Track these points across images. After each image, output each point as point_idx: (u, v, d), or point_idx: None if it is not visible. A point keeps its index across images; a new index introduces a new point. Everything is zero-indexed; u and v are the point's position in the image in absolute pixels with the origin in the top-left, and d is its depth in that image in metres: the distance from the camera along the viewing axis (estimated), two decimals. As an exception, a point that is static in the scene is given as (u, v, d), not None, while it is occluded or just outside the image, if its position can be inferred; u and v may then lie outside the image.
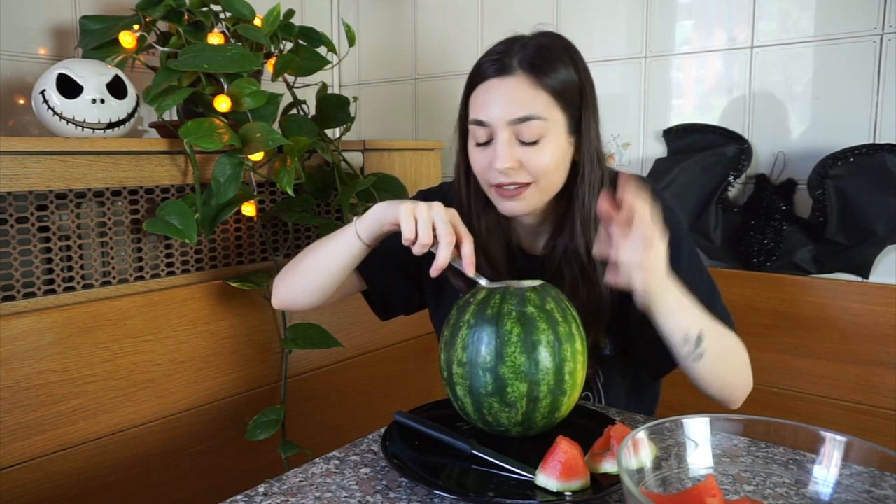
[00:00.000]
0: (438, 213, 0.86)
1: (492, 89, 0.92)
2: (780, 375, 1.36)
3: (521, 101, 0.90)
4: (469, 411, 0.79)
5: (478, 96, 0.95)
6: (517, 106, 0.90)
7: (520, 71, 0.91)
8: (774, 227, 1.35)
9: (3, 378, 0.98)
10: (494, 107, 0.92)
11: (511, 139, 0.92)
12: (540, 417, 0.78)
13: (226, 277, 1.26)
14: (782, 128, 1.38)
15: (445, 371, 0.80)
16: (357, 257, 0.98)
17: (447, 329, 0.81)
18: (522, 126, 0.90)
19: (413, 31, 1.93)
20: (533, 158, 0.92)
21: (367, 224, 0.94)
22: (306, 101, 1.42)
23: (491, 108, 0.92)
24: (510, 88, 0.91)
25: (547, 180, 0.94)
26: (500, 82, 0.92)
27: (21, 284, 1.03)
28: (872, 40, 1.26)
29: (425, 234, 0.85)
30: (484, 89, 0.94)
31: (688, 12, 1.47)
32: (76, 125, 1.13)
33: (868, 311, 1.27)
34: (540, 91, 0.91)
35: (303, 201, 1.34)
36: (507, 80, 0.91)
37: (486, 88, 0.93)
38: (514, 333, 0.75)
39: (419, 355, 1.67)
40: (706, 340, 0.86)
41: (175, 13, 1.25)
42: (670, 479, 0.61)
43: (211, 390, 1.24)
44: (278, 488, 0.72)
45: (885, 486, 0.57)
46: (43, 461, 1.03)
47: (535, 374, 0.75)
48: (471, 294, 0.82)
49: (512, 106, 0.91)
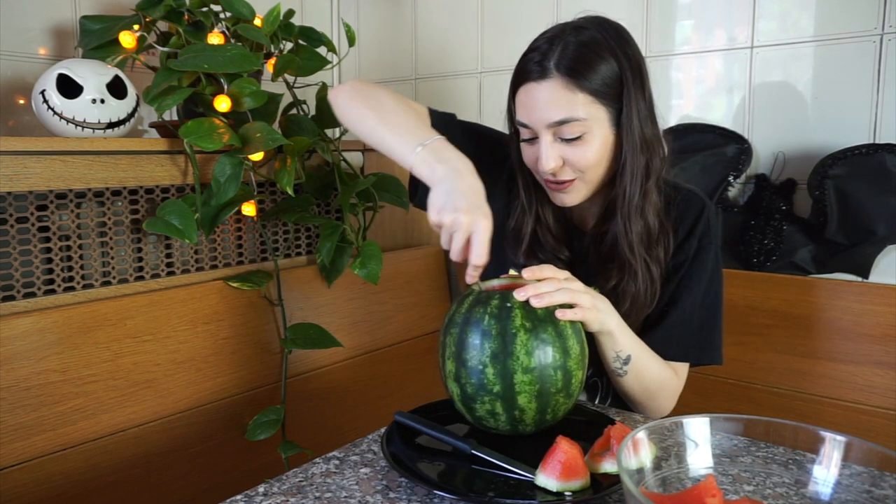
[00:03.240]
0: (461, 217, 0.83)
1: (531, 93, 0.94)
2: (780, 375, 1.36)
3: (559, 105, 0.92)
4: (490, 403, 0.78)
5: (519, 98, 0.97)
6: (555, 110, 0.92)
7: (556, 74, 0.92)
8: (774, 227, 1.35)
9: (3, 378, 0.98)
10: (534, 111, 0.94)
11: (553, 140, 0.94)
12: (550, 418, 0.79)
13: (226, 277, 1.26)
14: (782, 128, 1.38)
15: (450, 366, 0.80)
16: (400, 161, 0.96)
17: (454, 329, 0.81)
18: (563, 127, 0.93)
19: (413, 31, 1.93)
20: (576, 154, 0.94)
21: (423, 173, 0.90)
22: (306, 101, 1.42)
23: (531, 111, 0.94)
24: (547, 93, 0.92)
25: (592, 173, 0.97)
26: (537, 86, 0.93)
27: (21, 284, 1.03)
28: (872, 40, 1.26)
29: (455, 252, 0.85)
30: (524, 92, 0.96)
31: (688, 12, 1.47)
32: (76, 125, 1.13)
33: (868, 311, 1.27)
34: (577, 92, 0.92)
35: (303, 201, 1.34)
36: (544, 84, 0.93)
37: (526, 91, 0.95)
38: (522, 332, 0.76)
39: (419, 355, 1.66)
40: (632, 363, 0.96)
41: (175, 13, 1.25)
42: (670, 479, 0.61)
43: (211, 390, 1.24)
44: (278, 488, 0.72)
45: (885, 486, 0.57)
46: (43, 461, 1.03)
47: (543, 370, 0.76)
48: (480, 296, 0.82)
49: (550, 110, 0.92)
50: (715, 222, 1.03)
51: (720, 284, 1.04)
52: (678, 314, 1.01)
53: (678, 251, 1.01)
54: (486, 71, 1.79)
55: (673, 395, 1.03)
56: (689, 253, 1.01)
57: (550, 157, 0.94)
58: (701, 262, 1.01)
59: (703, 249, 1.01)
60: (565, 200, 0.99)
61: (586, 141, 0.93)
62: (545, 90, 0.92)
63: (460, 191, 0.85)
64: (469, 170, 0.88)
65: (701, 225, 1.01)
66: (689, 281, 1.01)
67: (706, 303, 1.02)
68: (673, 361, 1.02)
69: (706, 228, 1.02)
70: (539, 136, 0.95)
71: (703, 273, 1.01)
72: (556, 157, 0.94)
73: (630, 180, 0.96)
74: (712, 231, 1.02)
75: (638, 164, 0.96)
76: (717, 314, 1.04)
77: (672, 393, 1.03)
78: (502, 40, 1.75)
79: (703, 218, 1.02)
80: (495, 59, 1.77)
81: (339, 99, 1.06)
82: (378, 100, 1.02)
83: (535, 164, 0.98)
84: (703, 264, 1.01)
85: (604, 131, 0.94)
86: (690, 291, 1.01)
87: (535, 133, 0.96)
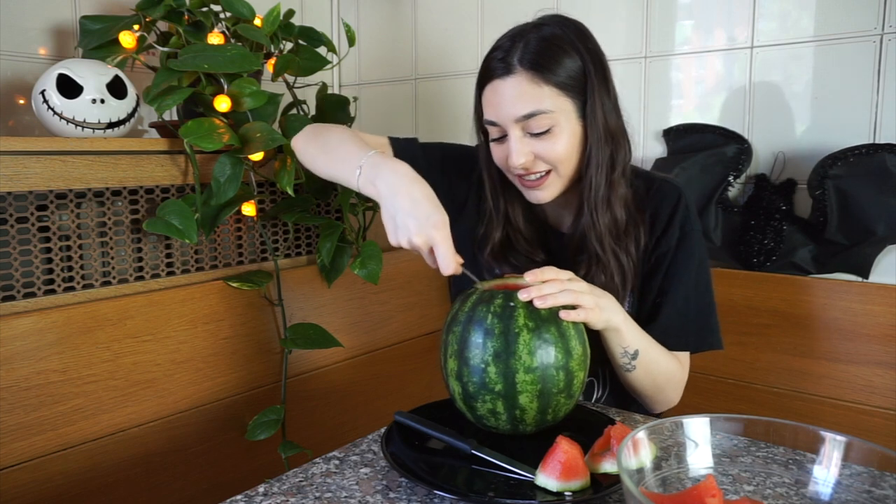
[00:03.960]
0: (414, 239, 0.86)
1: (497, 89, 0.95)
2: (780, 375, 1.36)
3: (525, 99, 0.92)
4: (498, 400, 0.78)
5: (486, 97, 0.98)
6: (521, 104, 0.93)
7: (521, 69, 0.93)
8: (774, 227, 1.35)
9: (3, 378, 0.98)
10: (501, 107, 0.95)
11: (522, 134, 0.95)
12: (551, 418, 0.78)
13: (226, 277, 1.26)
14: (782, 128, 1.38)
15: (452, 365, 0.80)
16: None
17: (457, 327, 0.81)
18: (531, 121, 0.93)
19: (413, 31, 1.93)
20: (546, 148, 0.95)
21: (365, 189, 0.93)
22: (306, 101, 1.42)
23: (498, 108, 0.95)
24: (513, 87, 0.93)
25: (565, 167, 0.97)
26: (502, 83, 0.94)
27: (21, 284, 1.03)
28: (872, 40, 1.26)
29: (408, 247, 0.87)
30: (491, 90, 0.96)
31: (688, 12, 1.47)
32: (76, 125, 1.13)
33: (868, 311, 1.27)
34: (543, 86, 0.92)
35: (303, 201, 1.34)
36: (509, 80, 0.94)
37: (493, 89, 0.96)
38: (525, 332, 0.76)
39: (419, 355, 1.67)
40: (640, 358, 0.95)
41: (175, 13, 1.25)
42: (670, 479, 0.61)
43: (211, 390, 1.24)
44: (278, 488, 0.72)
45: (885, 486, 0.57)
46: (43, 461, 1.03)
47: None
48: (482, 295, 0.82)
49: (517, 105, 0.93)
50: (693, 208, 1.03)
51: (708, 269, 1.04)
52: (673, 305, 1.01)
53: (659, 242, 1.02)
54: (486, 71, 1.79)
55: (679, 385, 1.03)
56: (672, 242, 1.01)
57: (520, 153, 0.94)
58: (686, 249, 1.01)
59: (686, 237, 1.01)
60: (540, 197, 0.99)
61: (555, 134, 0.94)
62: (510, 86, 0.93)
63: (404, 210, 0.86)
64: (405, 175, 0.89)
65: (679, 213, 1.01)
66: (677, 270, 1.01)
67: (699, 289, 1.02)
68: (675, 351, 1.02)
69: (686, 215, 1.02)
70: (508, 132, 0.95)
71: (690, 261, 1.01)
72: (526, 151, 0.95)
73: (595, 171, 0.96)
74: (692, 217, 1.02)
75: (603, 155, 0.96)
76: (711, 299, 1.04)
77: (678, 383, 1.03)
78: (502, 40, 1.75)
79: (680, 206, 1.02)
80: (495, 59, 1.77)
81: (298, 145, 1.11)
82: (326, 138, 1.06)
83: (506, 162, 0.98)
84: (689, 252, 1.01)
85: (571, 124, 0.95)
86: (681, 281, 1.01)
87: (504, 131, 0.96)
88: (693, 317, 1.02)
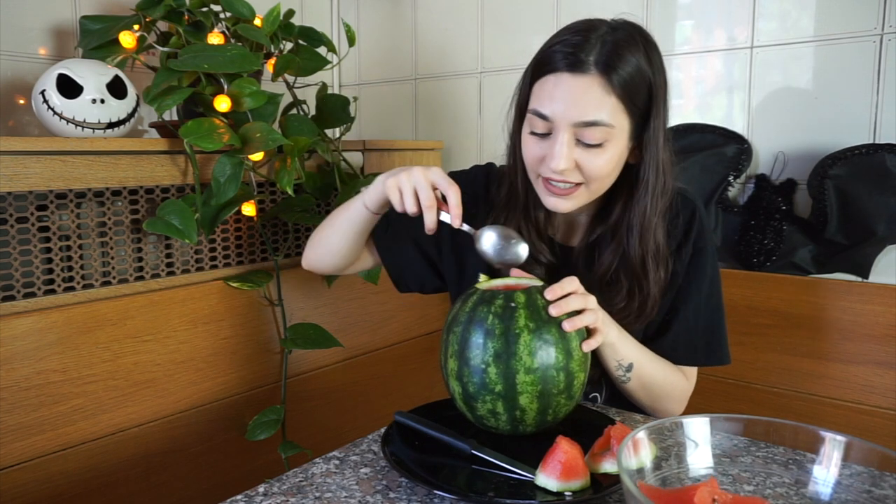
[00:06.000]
0: (418, 180, 0.88)
1: (561, 84, 0.87)
2: (780, 375, 1.36)
3: (591, 105, 0.86)
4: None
5: (544, 87, 0.89)
6: (586, 109, 0.86)
7: (594, 71, 0.85)
8: (774, 227, 1.35)
9: (3, 378, 0.98)
10: (561, 104, 0.87)
11: (571, 140, 0.88)
12: (551, 418, 0.79)
13: (226, 277, 1.26)
14: (782, 128, 1.38)
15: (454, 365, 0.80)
16: (367, 224, 1.01)
17: (457, 327, 0.80)
18: (587, 129, 0.87)
19: (413, 31, 1.93)
20: (591, 161, 0.89)
21: (371, 196, 0.96)
22: (306, 101, 1.42)
23: (557, 104, 0.87)
24: (582, 89, 0.86)
25: (599, 183, 0.92)
26: (571, 79, 0.86)
27: (21, 284, 1.03)
28: (872, 40, 1.26)
29: (410, 203, 0.89)
30: (553, 82, 0.88)
31: (688, 12, 1.47)
32: (76, 125, 1.13)
33: (868, 311, 1.27)
34: (610, 96, 0.86)
35: (303, 201, 1.34)
36: (579, 79, 0.86)
37: (556, 82, 0.87)
38: (526, 332, 0.76)
39: (419, 355, 1.67)
40: (634, 370, 0.96)
41: (175, 13, 1.25)
42: (670, 479, 0.61)
43: (211, 390, 1.24)
44: (278, 488, 0.72)
45: (885, 486, 0.57)
46: (43, 461, 1.03)
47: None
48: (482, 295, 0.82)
49: (580, 108, 0.86)
50: (707, 222, 1.02)
51: (720, 284, 1.03)
52: (683, 321, 1.00)
53: (674, 257, 0.99)
54: (486, 71, 1.79)
55: (682, 398, 1.02)
56: (686, 259, 1.00)
57: (566, 158, 0.87)
58: (699, 266, 1.00)
59: (699, 253, 1.00)
60: (559, 206, 0.93)
61: (605, 149, 0.88)
62: (581, 86, 0.86)
63: (404, 169, 0.90)
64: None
65: (695, 229, 0.99)
66: (689, 287, 1.00)
67: (711, 304, 1.01)
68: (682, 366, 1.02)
69: (700, 231, 1.00)
70: (556, 132, 0.88)
71: (702, 278, 1.00)
72: (570, 158, 0.88)
73: (651, 199, 0.93)
74: (706, 233, 1.00)
75: (659, 184, 0.93)
76: (721, 315, 1.03)
77: (680, 396, 1.02)
78: (502, 40, 1.75)
79: (696, 221, 1.00)
80: (495, 60, 1.77)
81: (308, 252, 1.12)
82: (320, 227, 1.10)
83: (538, 161, 0.91)
84: (702, 269, 1.00)
85: (622, 143, 0.90)
86: (692, 298, 1.00)
87: (551, 128, 0.88)
88: (702, 332, 1.01)
